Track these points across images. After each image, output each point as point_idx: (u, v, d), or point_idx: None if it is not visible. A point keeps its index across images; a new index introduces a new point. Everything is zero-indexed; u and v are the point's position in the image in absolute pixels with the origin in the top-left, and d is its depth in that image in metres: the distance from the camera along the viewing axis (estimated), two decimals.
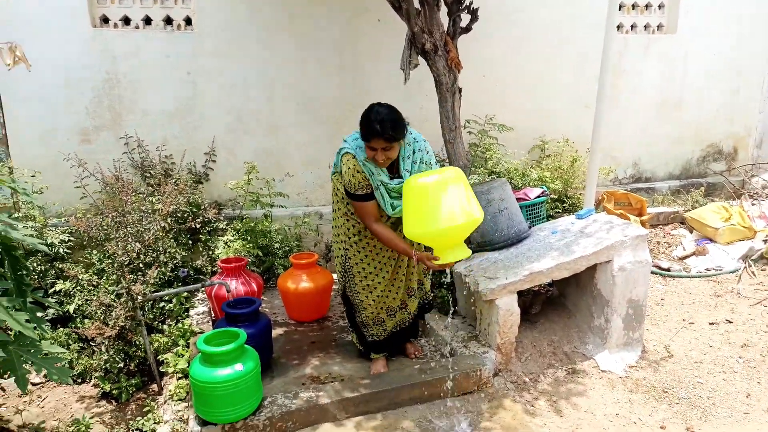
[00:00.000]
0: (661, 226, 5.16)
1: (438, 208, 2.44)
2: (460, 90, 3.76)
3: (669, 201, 5.51)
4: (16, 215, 3.61)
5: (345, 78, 4.73)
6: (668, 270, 4.32)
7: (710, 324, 3.64)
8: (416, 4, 3.59)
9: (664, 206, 5.37)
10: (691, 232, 4.91)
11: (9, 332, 2.40)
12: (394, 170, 2.86)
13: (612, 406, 2.97)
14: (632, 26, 5.49)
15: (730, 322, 3.64)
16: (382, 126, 2.58)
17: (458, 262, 2.78)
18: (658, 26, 5.57)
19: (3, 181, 2.48)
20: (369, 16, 4.62)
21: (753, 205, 5.05)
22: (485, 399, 3.04)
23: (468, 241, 3.73)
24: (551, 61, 5.21)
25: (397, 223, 2.94)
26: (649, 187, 5.70)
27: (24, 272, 2.44)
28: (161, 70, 4.30)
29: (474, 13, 3.81)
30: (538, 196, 3.99)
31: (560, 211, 4.67)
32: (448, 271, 3.12)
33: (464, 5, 3.72)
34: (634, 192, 5.27)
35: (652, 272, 4.30)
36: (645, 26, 5.54)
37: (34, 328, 2.30)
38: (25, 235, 2.31)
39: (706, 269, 4.30)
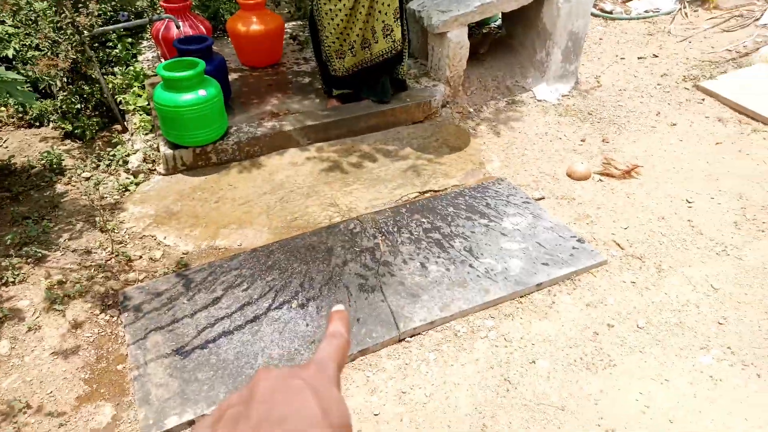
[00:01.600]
0: None
1: None
2: None
3: None
4: None
5: None
6: (610, 12, 4.49)
7: (639, 59, 3.97)
8: None
9: None
10: None
11: None
12: None
13: (542, 127, 3.37)
14: None
15: (656, 56, 3.98)
16: None
17: None
18: None
19: None
20: None
21: None
22: (433, 126, 3.36)
23: None
24: None
25: None
26: None
27: None
28: None
29: None
30: None
31: None
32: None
33: None
34: None
35: (595, 15, 4.47)
36: None
37: None
38: None
39: (645, 11, 4.50)
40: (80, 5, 3.09)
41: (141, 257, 2.50)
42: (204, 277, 2.37)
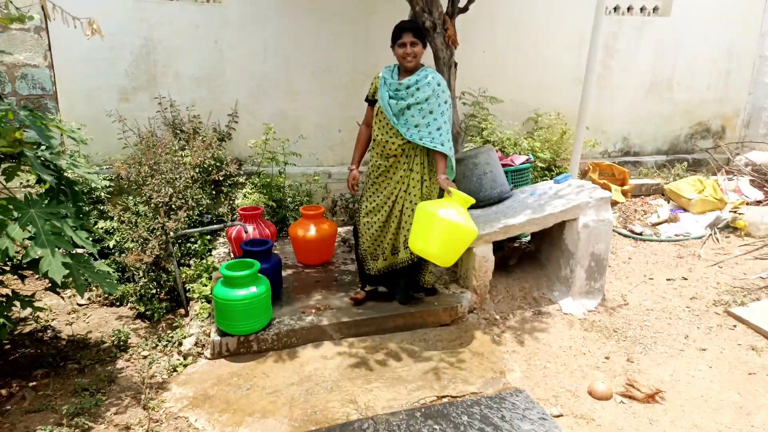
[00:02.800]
0: (642, 197, 5.59)
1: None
2: (456, 64, 4.19)
3: (653, 174, 5.91)
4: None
5: (357, 49, 5.18)
6: (640, 234, 4.77)
7: (667, 280, 4.11)
8: None
9: (648, 178, 5.78)
10: (668, 203, 5.33)
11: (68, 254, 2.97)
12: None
13: (567, 340, 3.48)
14: (628, 8, 5.83)
15: (685, 279, 4.11)
16: (410, 22, 3.46)
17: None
18: (653, 9, 5.90)
19: (63, 130, 3.04)
20: None
21: (730, 180, 5.44)
22: (459, 330, 3.57)
23: None
24: (550, 39, 5.58)
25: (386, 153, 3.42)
26: (636, 161, 6.10)
27: (81, 203, 3.02)
28: (192, 39, 4.81)
29: None
30: (523, 163, 4.45)
31: (548, 179, 5.11)
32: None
33: None
34: (621, 165, 5.68)
35: (625, 235, 4.76)
36: (641, 9, 5.88)
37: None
38: (86, 172, 2.87)
39: (676, 235, 4.74)
40: (172, 212, 3.81)
41: None
42: None
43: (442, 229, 3.02)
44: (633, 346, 3.42)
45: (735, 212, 4.95)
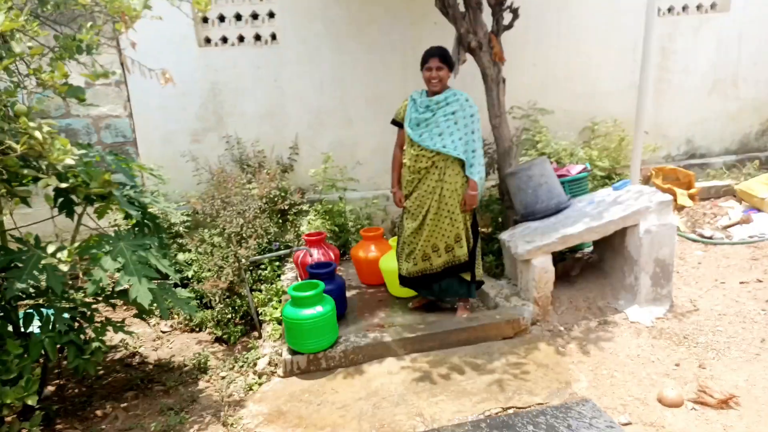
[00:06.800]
0: (712, 199, 5.36)
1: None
2: (503, 80, 4.27)
3: (723, 175, 5.66)
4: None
5: (407, 75, 5.35)
6: (710, 238, 4.58)
7: (741, 283, 3.93)
8: (462, 9, 4.16)
9: (717, 180, 5.55)
10: (740, 204, 5.09)
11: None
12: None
13: (635, 349, 3.41)
14: (684, 8, 5.69)
15: (761, 282, 3.91)
16: (437, 47, 3.58)
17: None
18: (711, 5, 5.72)
19: (145, 169, 3.37)
20: (426, 21, 5.23)
21: None
22: (523, 342, 3.58)
23: (513, 213, 4.27)
24: (602, 46, 5.54)
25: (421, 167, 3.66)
26: (703, 163, 5.86)
27: (162, 235, 3.31)
28: (254, 79, 5.18)
29: (515, 12, 4.31)
30: (579, 172, 4.42)
31: (608, 187, 5.02)
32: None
33: (506, 6, 4.24)
34: (687, 168, 5.49)
35: (693, 240, 4.59)
36: (698, 7, 5.72)
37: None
38: (166, 206, 3.17)
39: (749, 236, 4.52)
40: (243, 241, 4.08)
41: None
42: None
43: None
44: (705, 352, 3.30)
45: None
